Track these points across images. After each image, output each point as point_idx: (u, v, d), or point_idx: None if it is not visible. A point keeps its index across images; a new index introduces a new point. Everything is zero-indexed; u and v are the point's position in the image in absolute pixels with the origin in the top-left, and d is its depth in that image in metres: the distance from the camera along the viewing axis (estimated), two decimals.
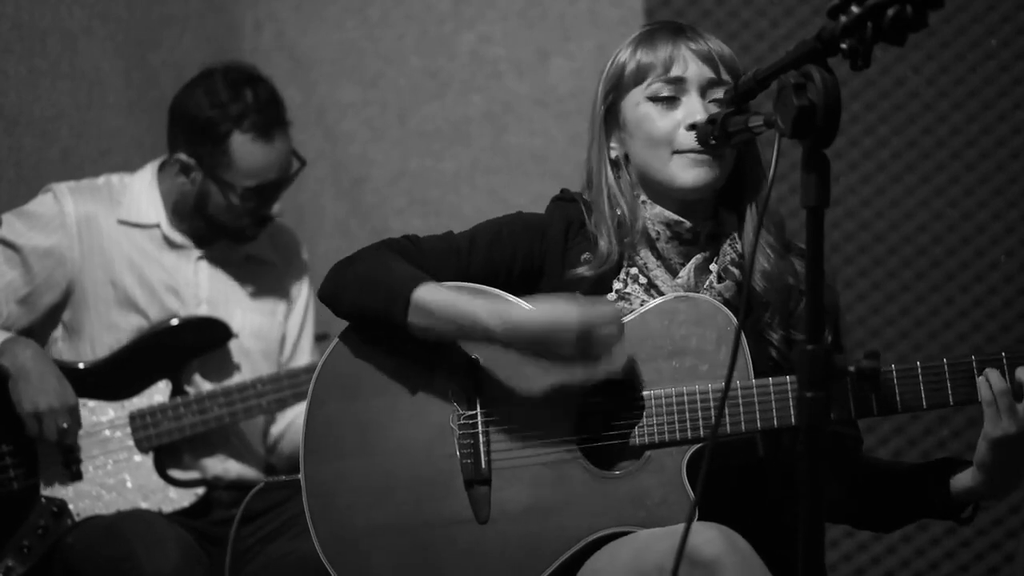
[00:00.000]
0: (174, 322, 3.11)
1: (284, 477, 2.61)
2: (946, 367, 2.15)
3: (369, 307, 2.27)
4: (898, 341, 3.69)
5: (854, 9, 1.68)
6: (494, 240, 2.36)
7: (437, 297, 2.22)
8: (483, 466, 2.25)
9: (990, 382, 2.11)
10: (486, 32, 4.18)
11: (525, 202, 2.58)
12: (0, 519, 2.92)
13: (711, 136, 2.17)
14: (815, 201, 1.75)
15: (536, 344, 2.18)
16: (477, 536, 2.24)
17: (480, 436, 2.26)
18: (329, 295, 2.34)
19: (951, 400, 2.15)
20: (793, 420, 2.17)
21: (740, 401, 2.18)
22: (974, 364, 2.14)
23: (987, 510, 3.62)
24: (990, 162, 3.65)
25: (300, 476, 2.31)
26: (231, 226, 3.15)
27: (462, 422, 2.27)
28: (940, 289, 3.67)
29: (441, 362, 2.30)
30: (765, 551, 2.08)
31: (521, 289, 2.33)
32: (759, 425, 2.18)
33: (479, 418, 2.27)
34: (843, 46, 1.70)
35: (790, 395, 2.17)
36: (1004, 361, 2.13)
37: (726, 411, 2.18)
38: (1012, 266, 3.64)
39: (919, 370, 2.15)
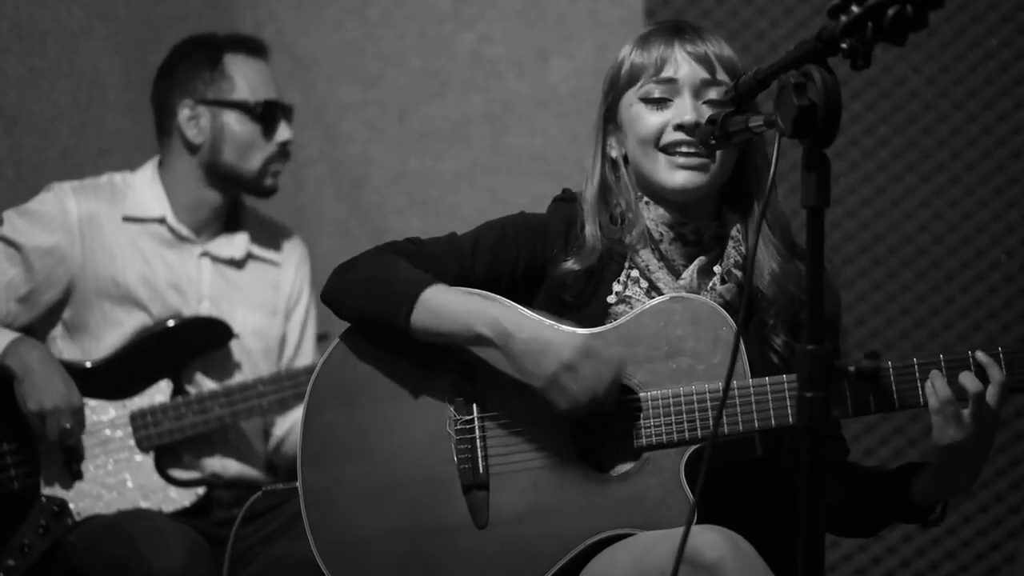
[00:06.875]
0: (175, 322, 3.11)
1: (282, 486, 2.60)
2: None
3: (373, 308, 2.26)
4: (898, 341, 3.68)
5: (854, 9, 1.68)
6: (498, 241, 2.35)
7: (446, 297, 2.22)
8: (481, 471, 2.25)
9: (936, 390, 2.13)
10: (486, 32, 4.18)
11: (525, 202, 2.58)
12: (0, 518, 2.91)
13: (711, 136, 2.18)
14: (815, 201, 1.76)
15: (521, 356, 2.17)
16: (476, 541, 2.23)
17: (477, 441, 2.26)
18: (332, 296, 2.33)
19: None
20: (791, 420, 2.17)
21: (737, 401, 2.18)
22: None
23: (987, 510, 3.62)
24: (990, 162, 3.65)
25: (298, 484, 2.30)
26: (248, 169, 3.18)
27: (459, 427, 2.27)
28: (940, 289, 3.67)
29: (438, 367, 2.29)
30: (765, 550, 2.08)
31: (524, 290, 2.33)
32: (756, 425, 2.19)
33: (476, 423, 2.26)
34: (843, 46, 1.71)
35: (787, 395, 2.17)
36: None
37: (723, 412, 2.18)
38: (1012, 266, 3.64)
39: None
